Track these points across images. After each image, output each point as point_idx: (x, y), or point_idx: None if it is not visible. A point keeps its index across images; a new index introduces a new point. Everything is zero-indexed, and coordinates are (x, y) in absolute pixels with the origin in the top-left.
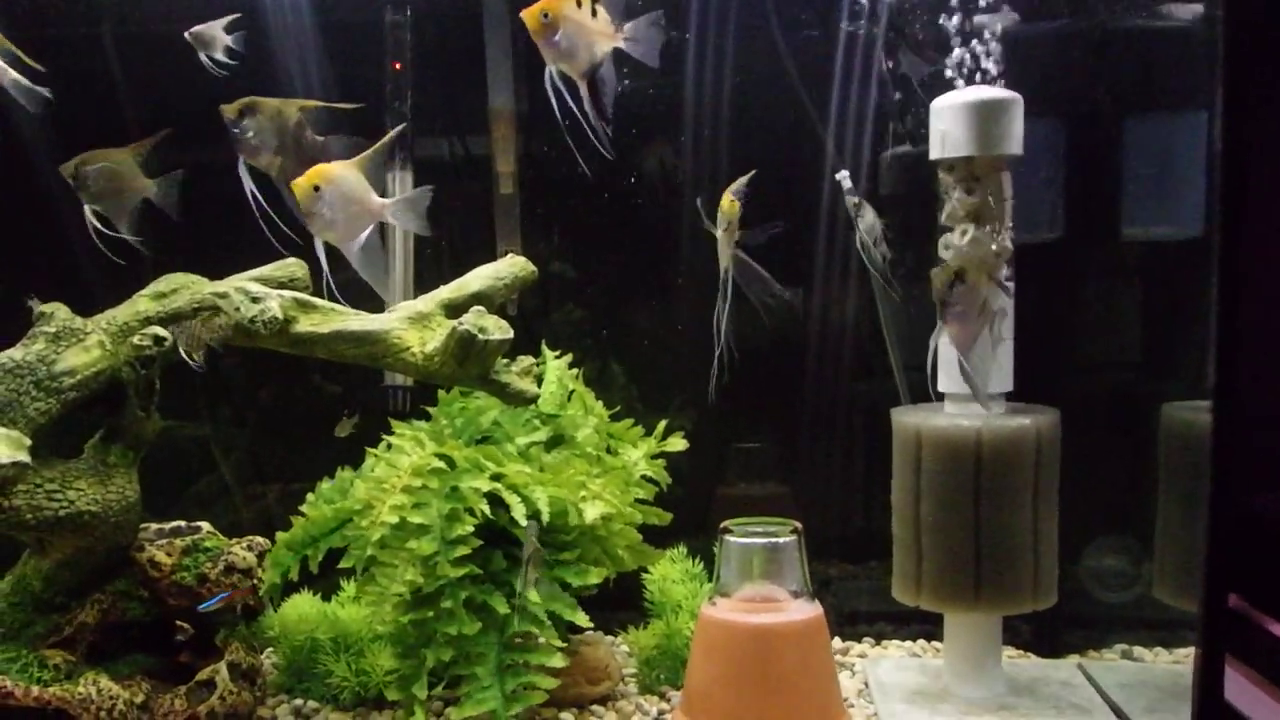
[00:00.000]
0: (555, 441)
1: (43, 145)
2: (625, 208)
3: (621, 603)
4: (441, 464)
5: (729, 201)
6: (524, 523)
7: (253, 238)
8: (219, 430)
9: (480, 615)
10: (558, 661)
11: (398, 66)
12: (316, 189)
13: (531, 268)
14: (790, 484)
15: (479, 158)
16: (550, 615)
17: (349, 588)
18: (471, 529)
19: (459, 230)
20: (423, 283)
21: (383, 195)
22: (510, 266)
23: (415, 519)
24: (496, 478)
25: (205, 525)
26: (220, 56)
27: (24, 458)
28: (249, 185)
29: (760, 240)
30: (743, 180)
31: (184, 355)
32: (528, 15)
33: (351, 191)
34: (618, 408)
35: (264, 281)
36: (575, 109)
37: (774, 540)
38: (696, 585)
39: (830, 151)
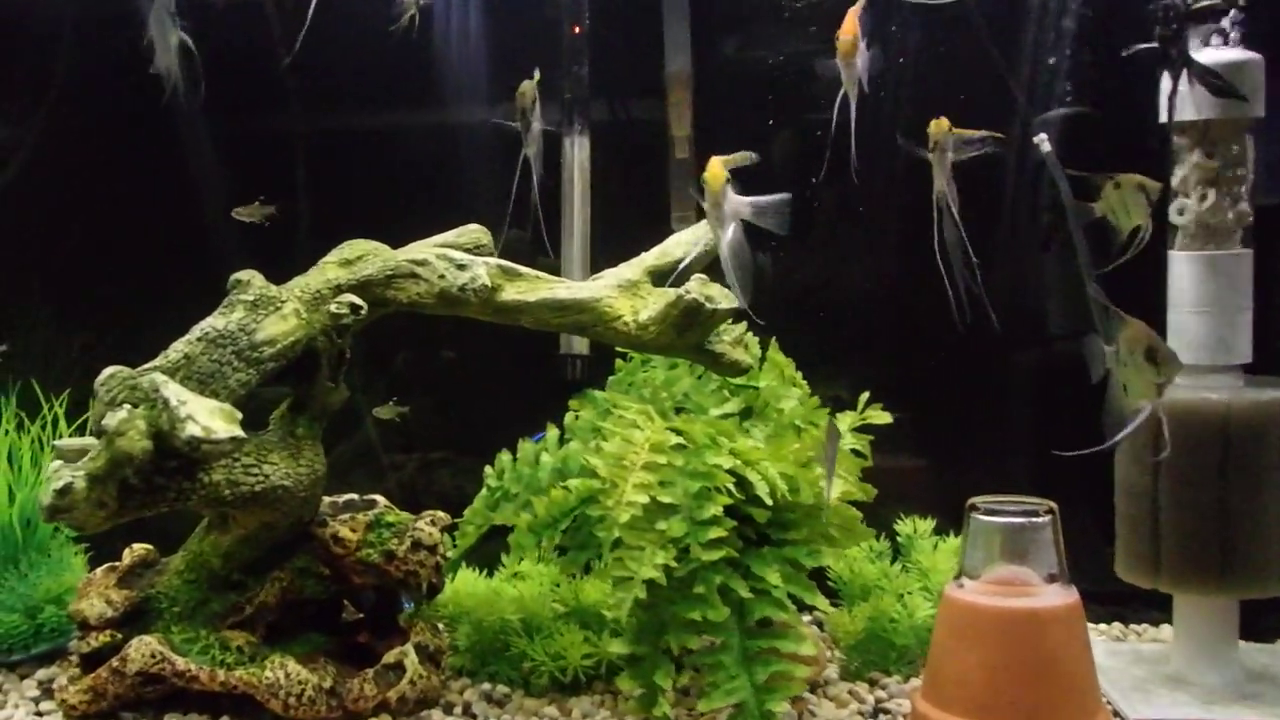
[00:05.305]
0: (744, 414)
1: None
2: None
3: None
4: (680, 439)
5: (938, 123)
6: (769, 501)
7: None
8: (364, 400)
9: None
10: (809, 649)
11: (577, 30)
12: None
13: None
14: (951, 455)
15: (654, 122)
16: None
17: (510, 564)
18: (722, 509)
19: (632, 197)
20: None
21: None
22: (707, 232)
23: (663, 498)
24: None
25: (380, 499)
26: None
27: (239, 432)
28: None
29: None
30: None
31: None
32: (845, 42)
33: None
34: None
35: (451, 249)
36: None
37: (1031, 520)
38: (885, 564)
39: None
